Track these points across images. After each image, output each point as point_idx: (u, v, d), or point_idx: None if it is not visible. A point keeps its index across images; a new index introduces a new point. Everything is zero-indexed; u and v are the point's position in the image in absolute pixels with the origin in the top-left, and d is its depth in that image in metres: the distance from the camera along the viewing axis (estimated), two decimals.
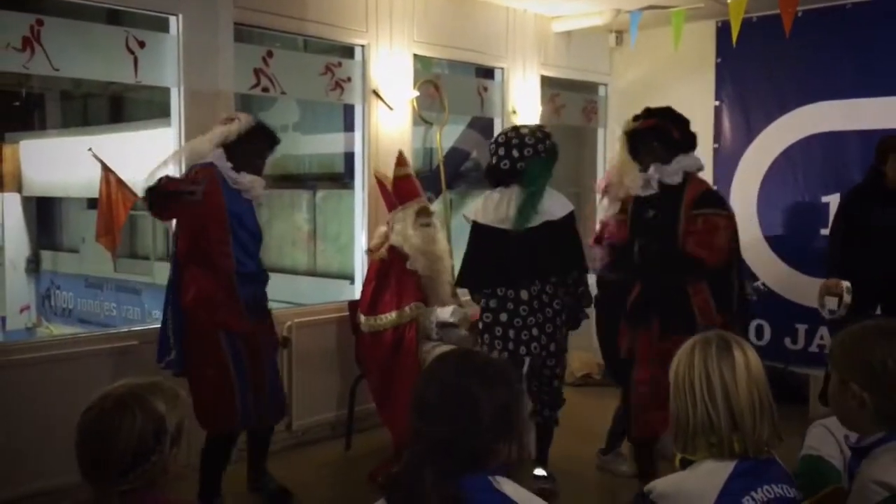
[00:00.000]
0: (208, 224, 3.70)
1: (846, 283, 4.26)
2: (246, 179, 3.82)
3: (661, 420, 3.55)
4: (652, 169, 3.99)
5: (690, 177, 4.03)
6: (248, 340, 3.79)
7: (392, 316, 4.44)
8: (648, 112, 4.22)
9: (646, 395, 3.85)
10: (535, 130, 4.27)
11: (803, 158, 6.06)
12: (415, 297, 4.49)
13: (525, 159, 4.13)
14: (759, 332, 6.20)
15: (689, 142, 4.13)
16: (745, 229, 6.29)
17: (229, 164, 3.78)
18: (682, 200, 3.95)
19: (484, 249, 4.19)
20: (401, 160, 4.85)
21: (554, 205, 4.22)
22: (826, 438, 2.20)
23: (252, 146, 3.87)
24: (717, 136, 6.53)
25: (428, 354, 4.30)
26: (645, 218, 4.02)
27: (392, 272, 4.52)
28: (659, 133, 4.05)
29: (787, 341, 6.11)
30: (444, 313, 4.54)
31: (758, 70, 6.24)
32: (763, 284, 5.52)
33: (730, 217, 4.05)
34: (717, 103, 6.51)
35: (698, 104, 6.57)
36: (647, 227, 4.00)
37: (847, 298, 4.23)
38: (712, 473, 1.85)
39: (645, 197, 4.01)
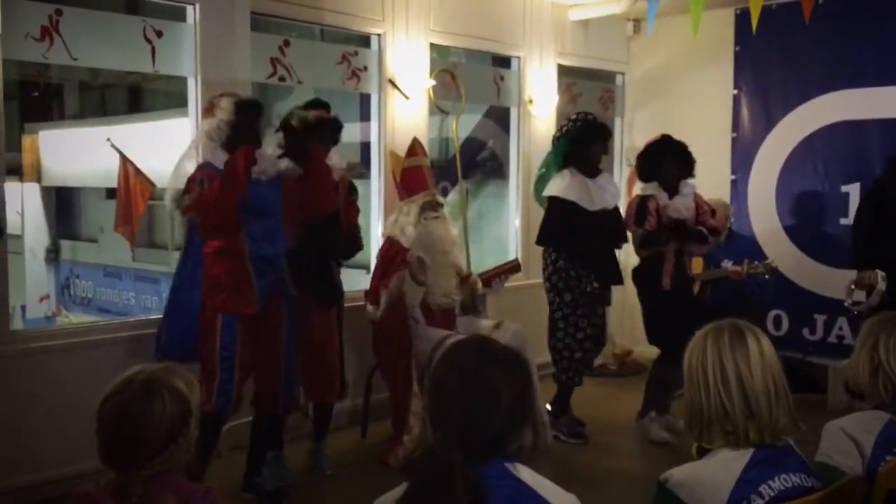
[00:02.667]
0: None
1: (881, 273, 4.25)
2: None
3: None
4: None
5: None
6: (253, 326, 3.75)
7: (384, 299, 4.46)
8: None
9: None
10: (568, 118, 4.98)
11: (823, 147, 6.01)
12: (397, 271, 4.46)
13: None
14: (778, 322, 6.17)
15: None
16: (763, 219, 6.30)
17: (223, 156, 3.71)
18: None
19: None
20: (413, 150, 4.84)
21: None
22: (842, 443, 2.12)
23: (242, 123, 3.77)
24: (736, 125, 6.48)
25: (441, 343, 4.29)
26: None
27: (393, 263, 4.51)
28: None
29: (806, 331, 6.08)
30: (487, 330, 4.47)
31: (777, 58, 6.18)
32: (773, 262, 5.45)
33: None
34: (735, 92, 6.46)
35: (716, 93, 6.53)
36: None
37: (882, 286, 4.21)
38: (729, 462, 1.85)
39: None
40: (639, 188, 5.06)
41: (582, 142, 4.84)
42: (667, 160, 4.88)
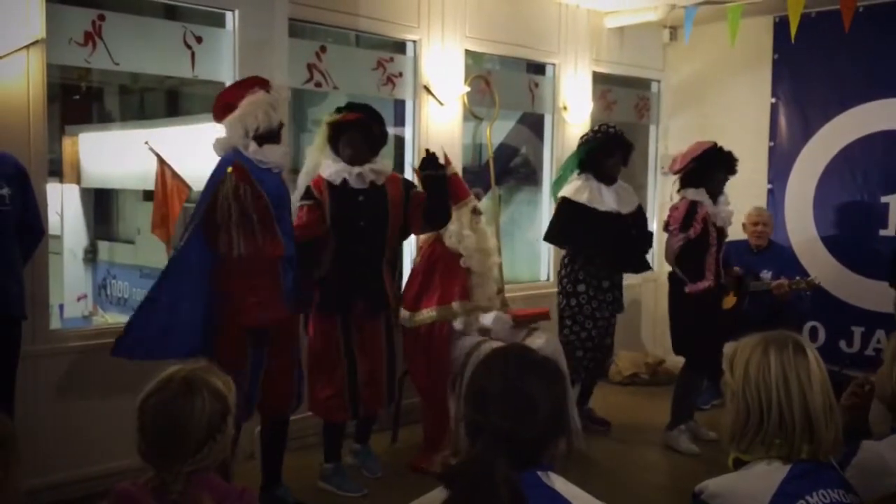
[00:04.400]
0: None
1: None
2: (270, 154, 3.64)
3: None
4: None
5: None
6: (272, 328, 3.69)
7: (432, 312, 4.44)
8: None
9: None
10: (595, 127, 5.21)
11: (862, 157, 5.92)
12: (461, 295, 4.48)
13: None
14: (814, 333, 6.09)
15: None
16: (800, 229, 6.23)
17: (252, 144, 3.60)
18: None
19: None
20: (446, 159, 4.85)
21: None
22: (878, 467, 2.03)
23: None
24: (773, 134, 6.41)
25: (476, 349, 4.30)
26: None
27: (437, 270, 4.52)
28: None
29: (843, 344, 5.99)
30: (486, 319, 4.62)
31: (816, 67, 6.11)
32: (816, 279, 5.44)
33: None
34: (773, 100, 6.39)
35: (754, 101, 6.46)
36: None
37: None
38: (766, 475, 1.82)
39: None
40: (676, 192, 5.02)
41: (599, 153, 5.03)
42: (721, 168, 4.90)
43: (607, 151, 5.02)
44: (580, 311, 5.02)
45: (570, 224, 5.04)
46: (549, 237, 5.33)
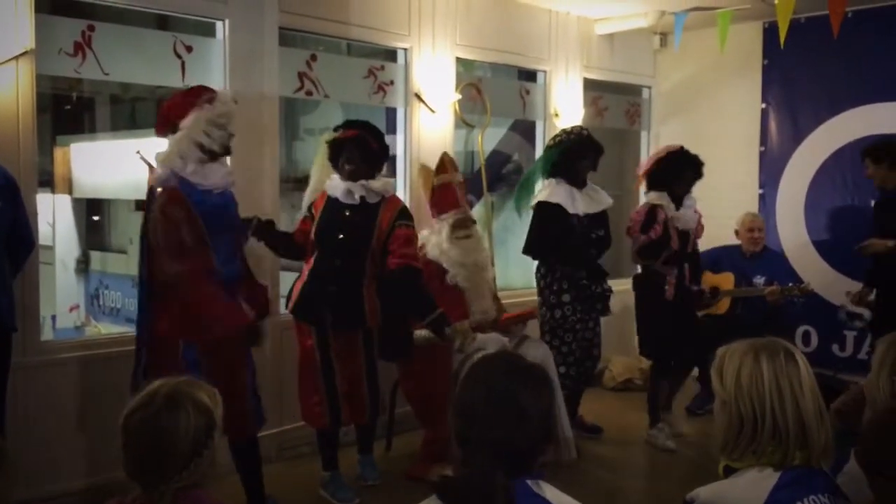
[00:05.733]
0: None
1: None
2: (210, 175, 3.50)
3: None
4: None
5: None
6: (214, 349, 3.53)
7: (426, 333, 4.31)
8: None
9: None
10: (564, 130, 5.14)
11: (853, 161, 5.91)
12: (459, 314, 4.39)
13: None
14: (807, 338, 6.10)
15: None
16: (792, 234, 6.24)
17: (191, 165, 3.46)
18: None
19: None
20: (442, 166, 4.85)
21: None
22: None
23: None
24: (764, 139, 6.43)
25: (467, 358, 4.27)
26: None
27: (430, 286, 4.36)
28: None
29: (836, 348, 6.00)
30: (483, 342, 4.36)
31: (806, 72, 6.14)
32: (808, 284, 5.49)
33: None
34: (763, 106, 6.42)
35: (744, 107, 6.49)
36: None
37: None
38: (758, 482, 1.82)
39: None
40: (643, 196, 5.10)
41: (572, 155, 4.95)
42: (685, 172, 4.95)
43: (580, 153, 4.94)
44: (562, 326, 4.90)
45: (549, 230, 4.91)
46: (532, 250, 5.05)
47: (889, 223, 4.87)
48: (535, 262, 5.17)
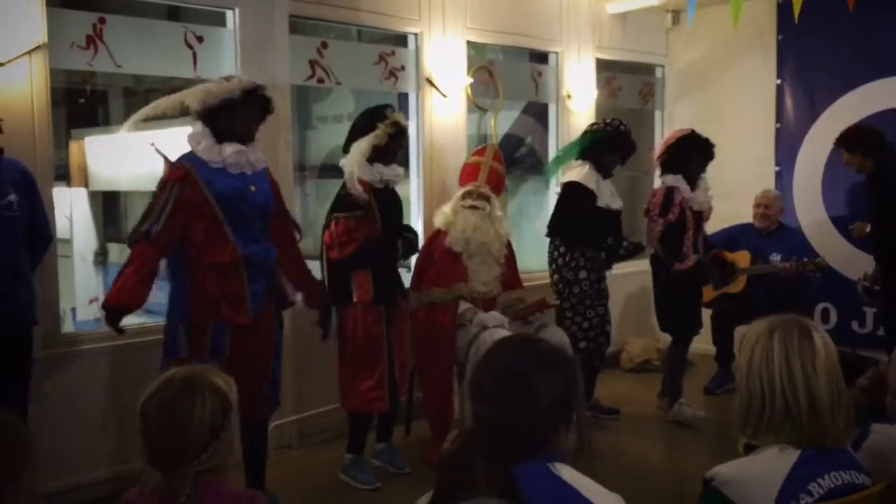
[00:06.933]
0: (195, 223, 3.49)
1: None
2: (228, 152, 3.53)
3: None
4: None
5: None
6: (242, 331, 3.57)
7: (434, 293, 4.48)
8: None
9: None
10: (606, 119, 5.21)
11: None
12: (456, 278, 4.50)
13: None
14: (826, 315, 6.06)
15: None
16: (810, 210, 6.19)
17: (211, 140, 3.53)
18: None
19: None
20: (480, 150, 4.94)
21: None
22: (890, 450, 2.01)
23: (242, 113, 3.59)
24: (780, 115, 6.37)
25: (475, 339, 4.27)
26: None
27: (435, 251, 4.58)
28: None
29: (855, 324, 5.96)
30: (487, 319, 4.42)
31: (821, 46, 6.07)
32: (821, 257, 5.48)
33: None
34: (778, 82, 6.35)
35: (759, 83, 6.42)
36: None
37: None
38: (778, 459, 1.82)
39: None
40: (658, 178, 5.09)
41: (601, 147, 5.03)
42: (696, 156, 4.99)
43: (610, 147, 5.03)
44: (581, 301, 4.97)
45: (579, 211, 4.97)
46: (559, 230, 5.08)
47: (869, 206, 5.01)
48: (549, 243, 5.17)
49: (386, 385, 4.21)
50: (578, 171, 5.05)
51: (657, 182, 5.14)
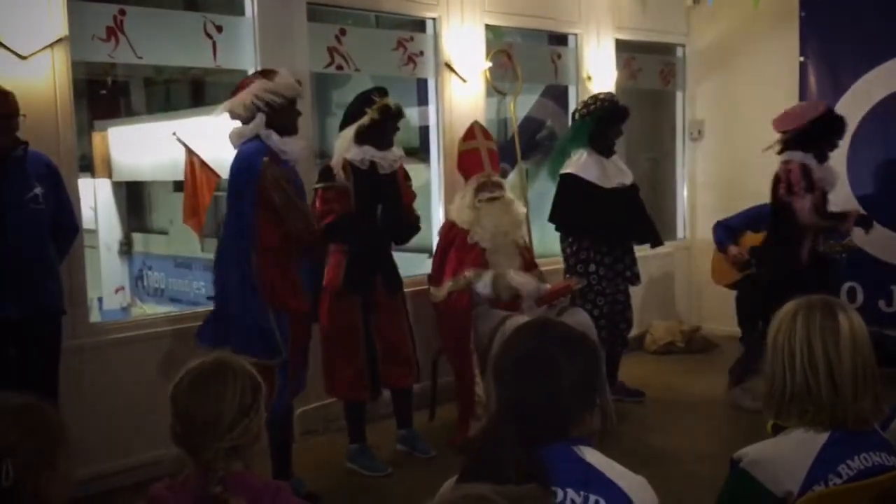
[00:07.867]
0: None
1: None
2: (290, 145, 3.70)
3: None
4: None
5: None
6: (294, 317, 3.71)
7: (449, 284, 4.47)
8: None
9: None
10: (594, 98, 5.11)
11: (895, 113, 5.78)
12: (474, 265, 4.48)
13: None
14: (852, 294, 5.99)
15: None
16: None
17: (273, 134, 3.65)
18: None
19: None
20: (470, 132, 4.84)
21: None
22: None
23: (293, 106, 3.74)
24: (803, 93, 6.27)
25: (501, 325, 4.27)
26: None
27: (453, 245, 4.55)
28: None
29: (882, 304, 5.89)
30: (481, 286, 4.45)
31: (845, 23, 5.96)
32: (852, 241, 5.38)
33: None
34: (801, 59, 6.25)
35: (782, 61, 6.33)
36: None
37: None
38: (806, 441, 1.81)
39: None
40: (775, 153, 4.91)
41: (606, 123, 4.97)
42: (832, 135, 4.82)
43: (613, 120, 4.99)
44: (592, 290, 4.94)
45: (575, 202, 4.93)
46: (557, 219, 5.11)
47: None
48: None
49: (366, 376, 4.17)
50: (575, 162, 4.99)
51: (782, 157, 4.86)
